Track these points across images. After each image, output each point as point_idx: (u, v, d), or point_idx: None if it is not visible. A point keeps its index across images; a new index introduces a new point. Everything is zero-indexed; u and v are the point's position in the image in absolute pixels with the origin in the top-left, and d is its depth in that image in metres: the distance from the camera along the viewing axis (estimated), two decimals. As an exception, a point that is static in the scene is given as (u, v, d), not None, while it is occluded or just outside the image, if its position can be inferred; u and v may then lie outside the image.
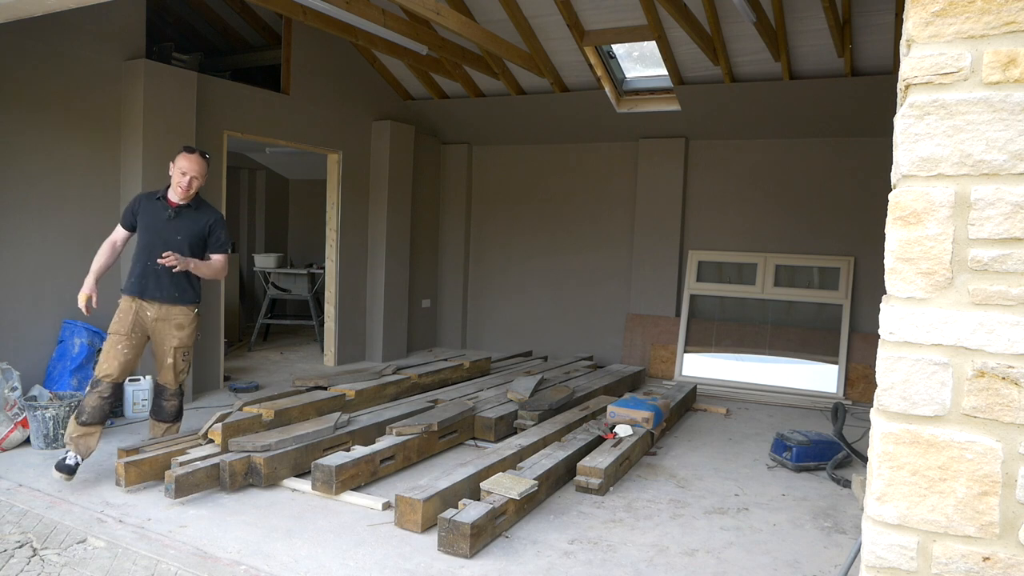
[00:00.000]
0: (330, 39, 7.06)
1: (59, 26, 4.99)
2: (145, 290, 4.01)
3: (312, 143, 7.13)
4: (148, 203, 4.09)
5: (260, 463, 3.96)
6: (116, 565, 3.08)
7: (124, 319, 4.00)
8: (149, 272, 3.99)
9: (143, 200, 4.12)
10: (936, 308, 1.43)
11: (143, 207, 4.09)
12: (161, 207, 4.06)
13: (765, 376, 7.01)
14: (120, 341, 3.97)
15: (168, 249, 3.92)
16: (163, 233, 4.03)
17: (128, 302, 4.02)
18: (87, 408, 3.90)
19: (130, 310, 4.00)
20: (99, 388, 3.92)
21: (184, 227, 4.07)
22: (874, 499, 1.50)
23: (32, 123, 4.97)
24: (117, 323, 4.01)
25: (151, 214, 4.06)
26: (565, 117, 7.74)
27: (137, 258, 4.05)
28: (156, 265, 3.94)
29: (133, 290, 4.02)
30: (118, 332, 3.99)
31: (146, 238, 4.04)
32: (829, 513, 3.95)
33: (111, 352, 3.96)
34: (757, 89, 6.64)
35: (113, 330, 4.00)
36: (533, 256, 8.46)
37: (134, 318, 4.00)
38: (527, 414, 5.11)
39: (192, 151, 4.06)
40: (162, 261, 3.86)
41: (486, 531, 3.33)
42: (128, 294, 4.04)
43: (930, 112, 1.43)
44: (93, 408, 3.90)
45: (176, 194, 4.06)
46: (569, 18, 6.18)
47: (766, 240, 7.35)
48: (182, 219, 4.07)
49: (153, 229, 4.03)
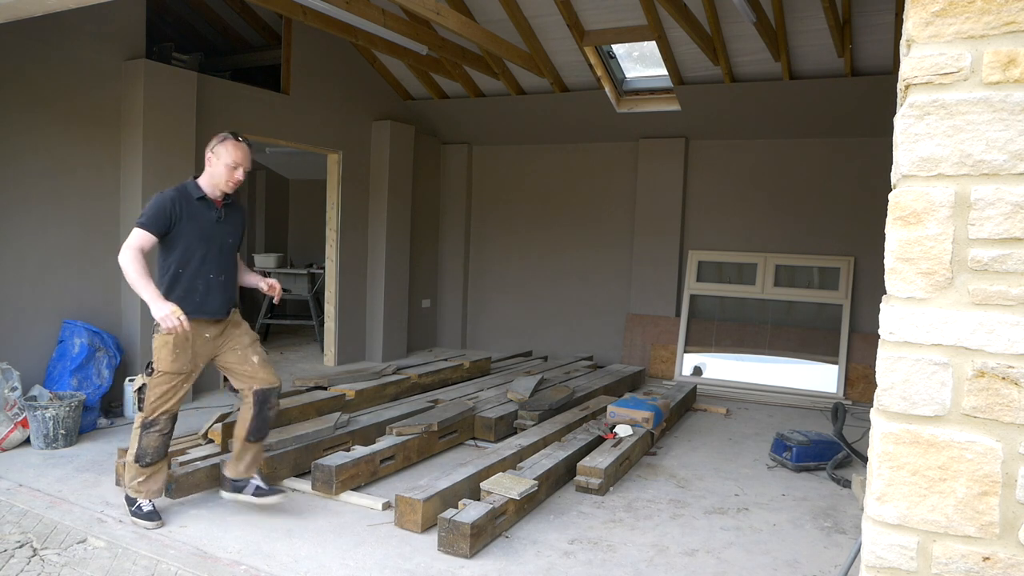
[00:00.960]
0: (330, 39, 7.06)
1: (59, 26, 4.99)
2: (210, 309, 3.43)
3: (312, 143, 7.13)
4: (189, 205, 3.37)
5: (260, 463, 3.96)
6: (116, 565, 3.08)
7: (184, 353, 3.38)
8: (214, 287, 3.42)
9: (180, 201, 3.35)
10: (936, 308, 1.43)
11: (185, 211, 3.35)
12: (207, 208, 3.42)
13: (765, 376, 7.01)
14: (180, 382, 3.42)
15: (226, 257, 3.47)
16: (216, 239, 3.42)
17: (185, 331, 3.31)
18: (149, 450, 3.42)
19: (187, 342, 3.37)
20: (158, 426, 3.42)
21: (231, 228, 3.52)
22: (874, 499, 1.50)
23: (32, 123, 4.97)
24: (175, 360, 3.36)
25: (198, 218, 3.39)
26: (565, 117, 7.74)
27: (201, 271, 3.38)
28: (220, 278, 3.43)
29: (200, 312, 3.38)
30: (178, 372, 3.39)
31: (201, 248, 3.39)
32: (829, 513, 3.95)
33: (166, 393, 3.40)
34: (757, 89, 6.64)
35: (173, 369, 3.37)
36: (533, 256, 8.46)
37: (193, 350, 3.42)
38: (527, 414, 5.11)
39: (240, 138, 3.44)
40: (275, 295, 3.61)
41: (486, 531, 3.33)
42: (194, 317, 3.35)
43: (930, 112, 1.43)
44: (156, 448, 3.44)
45: (224, 190, 3.45)
46: (569, 18, 6.18)
47: (766, 240, 7.35)
48: (228, 219, 3.50)
49: (205, 236, 3.39)
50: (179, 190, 3.39)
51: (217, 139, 3.42)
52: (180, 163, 5.64)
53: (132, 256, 3.25)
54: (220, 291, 3.45)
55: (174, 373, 3.38)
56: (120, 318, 5.50)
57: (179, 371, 3.39)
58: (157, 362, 3.36)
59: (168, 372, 3.36)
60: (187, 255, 3.36)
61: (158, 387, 3.38)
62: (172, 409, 3.45)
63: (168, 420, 3.45)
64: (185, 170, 5.69)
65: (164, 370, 3.35)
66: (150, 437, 3.42)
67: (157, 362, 3.36)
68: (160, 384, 3.38)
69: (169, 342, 3.32)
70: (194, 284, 3.37)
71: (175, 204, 3.33)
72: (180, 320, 3.16)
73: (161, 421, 3.42)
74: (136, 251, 3.27)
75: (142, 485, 3.45)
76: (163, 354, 3.34)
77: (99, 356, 5.07)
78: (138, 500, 3.46)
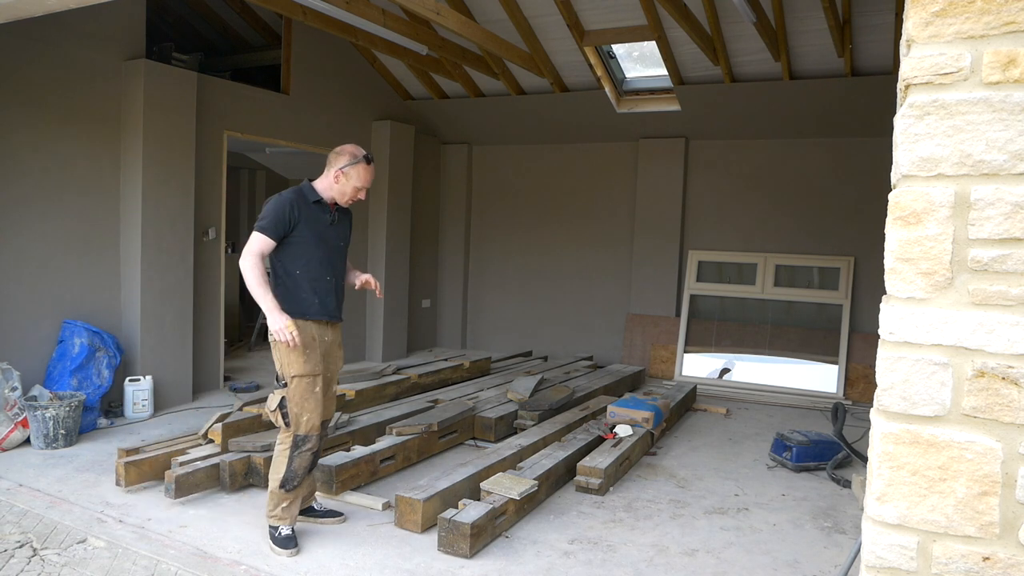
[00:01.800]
0: (330, 39, 7.06)
1: (59, 26, 4.99)
2: (329, 311, 3.37)
3: (312, 143, 7.13)
4: (306, 209, 3.32)
5: (260, 463, 3.96)
6: (116, 565, 3.08)
7: (314, 354, 3.28)
8: (330, 289, 3.38)
9: (298, 204, 3.30)
10: (936, 308, 1.43)
11: (302, 214, 3.30)
12: (322, 211, 3.37)
13: (765, 376, 7.01)
14: (317, 383, 3.28)
15: (339, 260, 3.46)
16: (331, 241, 3.40)
17: (312, 331, 3.30)
18: (299, 472, 3.27)
19: (315, 341, 3.30)
20: (310, 444, 3.28)
21: (343, 231, 3.51)
22: (874, 499, 1.50)
23: (32, 123, 4.97)
24: (307, 361, 3.24)
25: (316, 221, 3.34)
26: (565, 117, 7.74)
27: (319, 273, 3.33)
28: (335, 280, 3.41)
29: (322, 313, 3.33)
30: (313, 373, 3.26)
31: (322, 250, 3.35)
32: (829, 513, 3.95)
33: (309, 398, 3.25)
34: (757, 89, 6.64)
35: (306, 371, 3.23)
36: (533, 256, 8.46)
37: (321, 350, 3.33)
38: (527, 414, 5.11)
39: (372, 161, 3.41)
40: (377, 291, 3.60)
41: (486, 531, 3.33)
42: (316, 318, 3.32)
43: (930, 112, 1.43)
44: (305, 469, 3.30)
45: (342, 204, 3.42)
46: (569, 18, 6.18)
47: (766, 240, 7.35)
48: (340, 222, 3.48)
49: (324, 239, 3.36)
50: (296, 192, 3.34)
51: (349, 157, 3.33)
52: (180, 163, 5.64)
53: (252, 263, 3.17)
54: (336, 293, 3.42)
55: (310, 375, 3.24)
56: (120, 318, 5.51)
57: (313, 371, 3.25)
58: (288, 367, 3.21)
59: (304, 374, 3.23)
60: (306, 258, 3.30)
61: (299, 393, 3.23)
62: (320, 420, 3.31)
63: (318, 436, 3.31)
64: (185, 170, 5.70)
65: (299, 373, 3.22)
66: (302, 457, 3.26)
67: (288, 367, 3.21)
68: (301, 390, 3.23)
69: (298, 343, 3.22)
70: (313, 286, 3.31)
71: (293, 207, 3.27)
72: (292, 335, 3.12)
73: (313, 438, 3.27)
74: (256, 257, 3.20)
75: (286, 511, 3.28)
76: (293, 357, 3.21)
77: (99, 356, 5.07)
78: (280, 526, 3.28)
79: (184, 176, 5.69)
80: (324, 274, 3.35)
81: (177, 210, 5.65)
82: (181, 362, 5.77)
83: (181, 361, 5.77)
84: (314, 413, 3.26)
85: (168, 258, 5.60)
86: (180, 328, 5.74)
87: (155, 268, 5.51)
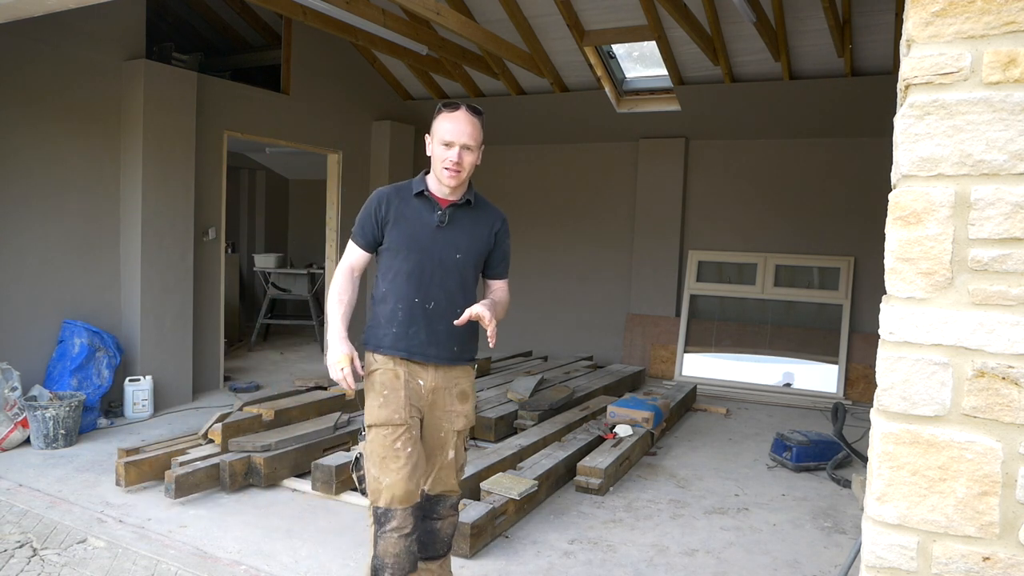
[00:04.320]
0: (330, 39, 7.06)
1: (59, 26, 4.99)
2: (415, 346, 2.44)
3: (312, 143, 7.13)
4: (402, 203, 2.47)
5: (260, 463, 3.96)
6: (116, 565, 3.08)
7: (395, 396, 2.40)
8: (419, 317, 2.44)
9: (392, 199, 2.47)
10: (936, 308, 1.43)
11: (395, 210, 2.45)
12: (426, 208, 2.46)
13: (765, 376, 7.01)
14: (399, 436, 2.37)
15: (450, 277, 2.46)
16: (434, 250, 2.45)
17: (391, 368, 2.44)
18: (387, 560, 2.36)
19: (398, 380, 2.42)
20: (394, 522, 2.35)
21: (462, 238, 2.49)
22: (874, 499, 1.50)
23: (32, 123, 4.97)
24: (384, 405, 2.39)
25: (413, 220, 2.45)
26: (565, 117, 7.74)
27: (398, 293, 2.45)
28: (438, 307, 2.45)
29: (399, 347, 2.44)
30: (391, 422, 2.37)
31: (412, 259, 2.44)
32: (829, 513, 3.95)
33: (389, 458, 2.35)
34: (757, 89, 6.64)
35: (382, 419, 2.38)
36: (533, 255, 8.45)
37: (407, 393, 2.43)
38: (527, 414, 5.11)
39: (456, 106, 2.44)
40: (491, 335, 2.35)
41: (486, 531, 3.33)
42: (390, 353, 2.44)
43: (930, 112, 1.43)
44: (397, 557, 2.36)
45: (443, 181, 2.43)
46: (569, 18, 6.18)
47: (766, 240, 7.34)
48: (457, 224, 2.48)
49: (420, 245, 2.44)
50: (401, 184, 2.53)
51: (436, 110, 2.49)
52: (180, 163, 5.64)
53: (336, 280, 2.49)
54: (430, 322, 2.44)
55: (387, 424, 2.37)
56: (120, 318, 5.50)
57: (390, 420, 2.37)
58: (366, 415, 2.44)
59: (379, 424, 2.38)
60: (395, 271, 2.46)
61: (376, 449, 2.37)
62: (400, 493, 2.34)
63: (406, 513, 2.36)
64: (185, 170, 5.70)
65: (374, 422, 2.39)
66: (387, 541, 2.36)
67: (366, 415, 2.44)
68: (377, 444, 2.37)
69: (374, 383, 2.43)
70: (394, 310, 2.45)
71: (383, 203, 2.45)
72: (344, 375, 2.35)
73: (397, 514, 2.34)
74: (345, 272, 2.49)
75: None
76: (368, 400, 2.43)
77: (99, 356, 5.07)
78: None
79: (184, 176, 5.69)
80: (412, 293, 2.43)
81: (177, 210, 5.65)
82: (181, 362, 5.77)
83: (181, 361, 5.77)
84: (397, 479, 2.34)
85: (168, 258, 5.60)
86: (180, 328, 5.74)
87: (155, 268, 5.51)
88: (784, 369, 6.99)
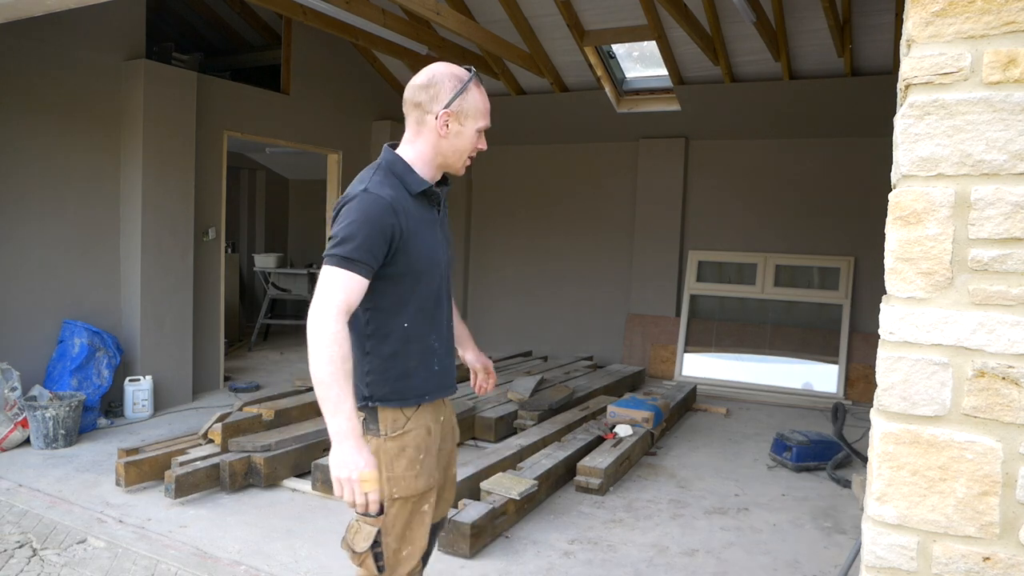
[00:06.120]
0: (330, 39, 7.06)
1: (59, 26, 4.99)
2: (445, 379, 2.01)
3: (312, 143, 7.13)
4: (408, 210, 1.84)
5: (260, 463, 3.96)
6: (116, 565, 3.08)
7: (429, 458, 1.94)
8: (443, 343, 2.00)
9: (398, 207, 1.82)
10: (936, 308, 1.43)
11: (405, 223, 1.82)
12: (424, 206, 1.91)
13: (765, 376, 7.01)
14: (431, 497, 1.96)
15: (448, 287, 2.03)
16: (442, 258, 1.97)
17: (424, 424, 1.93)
18: None
19: (430, 437, 1.95)
20: None
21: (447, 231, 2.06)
22: (874, 499, 1.50)
23: (32, 123, 4.97)
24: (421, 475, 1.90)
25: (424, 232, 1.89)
26: (565, 117, 7.74)
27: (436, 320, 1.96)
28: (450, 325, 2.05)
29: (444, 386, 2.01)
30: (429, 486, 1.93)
31: (433, 283, 1.93)
32: (829, 513, 3.95)
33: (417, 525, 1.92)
34: (757, 89, 6.64)
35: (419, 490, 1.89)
36: (533, 256, 8.45)
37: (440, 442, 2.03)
38: (527, 414, 5.11)
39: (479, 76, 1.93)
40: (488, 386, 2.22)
41: (486, 531, 3.33)
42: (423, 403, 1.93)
43: (930, 112, 1.43)
44: None
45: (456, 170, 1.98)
46: (569, 18, 6.18)
47: (766, 240, 7.34)
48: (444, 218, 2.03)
49: (435, 260, 1.93)
50: (390, 183, 1.86)
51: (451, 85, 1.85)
52: (180, 163, 5.64)
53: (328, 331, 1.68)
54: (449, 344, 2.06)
55: (420, 495, 1.91)
56: (120, 318, 5.50)
57: (428, 487, 1.92)
58: (390, 484, 1.85)
59: (411, 496, 1.88)
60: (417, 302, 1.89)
61: (404, 522, 1.89)
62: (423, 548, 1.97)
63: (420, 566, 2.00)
64: (185, 170, 5.69)
65: (407, 494, 1.87)
66: None
67: (390, 484, 1.85)
68: (406, 516, 1.89)
69: (406, 448, 1.87)
70: (429, 346, 1.94)
71: (397, 215, 1.80)
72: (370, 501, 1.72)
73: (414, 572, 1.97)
74: (340, 316, 1.70)
75: None
76: (399, 468, 1.86)
77: (99, 356, 5.07)
78: None
79: (184, 176, 5.69)
80: (444, 318, 1.99)
81: (177, 210, 5.65)
82: (181, 362, 5.77)
83: (181, 361, 5.77)
84: (420, 545, 1.94)
85: (168, 258, 5.60)
86: (180, 328, 5.74)
87: (155, 268, 5.51)
88: (784, 369, 6.98)
